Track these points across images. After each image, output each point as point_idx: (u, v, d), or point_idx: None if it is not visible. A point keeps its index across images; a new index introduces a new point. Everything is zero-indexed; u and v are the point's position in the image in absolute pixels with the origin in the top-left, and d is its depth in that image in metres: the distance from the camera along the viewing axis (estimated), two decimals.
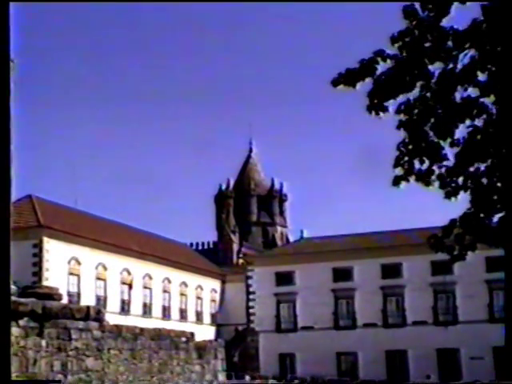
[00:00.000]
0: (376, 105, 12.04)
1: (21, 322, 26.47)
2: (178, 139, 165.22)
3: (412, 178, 12.39)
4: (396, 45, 11.87)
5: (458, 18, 11.90)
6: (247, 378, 67.18)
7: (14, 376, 25.43)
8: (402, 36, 11.82)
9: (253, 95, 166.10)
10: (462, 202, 12.62)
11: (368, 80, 12.03)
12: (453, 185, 12.33)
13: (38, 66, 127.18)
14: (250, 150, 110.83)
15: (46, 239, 61.37)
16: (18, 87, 30.07)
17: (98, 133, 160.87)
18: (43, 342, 27.24)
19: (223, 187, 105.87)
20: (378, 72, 11.99)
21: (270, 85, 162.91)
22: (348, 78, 12.01)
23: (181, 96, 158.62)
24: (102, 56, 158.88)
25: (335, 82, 12.17)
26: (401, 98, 12.09)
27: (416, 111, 12.08)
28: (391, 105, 12.11)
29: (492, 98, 12.01)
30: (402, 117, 12.16)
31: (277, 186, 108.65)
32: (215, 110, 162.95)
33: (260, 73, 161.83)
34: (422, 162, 12.29)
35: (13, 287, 28.22)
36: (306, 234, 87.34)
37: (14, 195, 31.26)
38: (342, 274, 76.27)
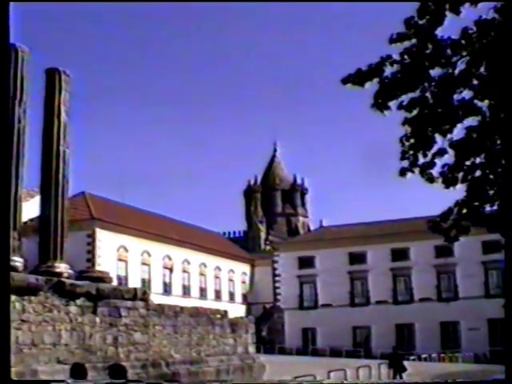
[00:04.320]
0: (380, 104, 12.10)
1: (78, 302, 26.66)
2: (211, 142, 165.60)
3: (416, 170, 12.47)
4: (395, 46, 11.90)
5: (456, 26, 11.92)
6: None
7: (73, 348, 25.72)
8: (400, 39, 11.87)
9: (276, 99, 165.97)
10: (459, 192, 12.70)
11: (375, 80, 12.09)
12: (450, 176, 12.38)
13: (88, 73, 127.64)
14: (275, 150, 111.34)
15: (97, 230, 61.87)
16: (72, 97, 30.42)
17: (142, 135, 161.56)
18: (97, 319, 27.43)
19: (251, 183, 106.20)
20: (385, 74, 12.03)
21: (291, 88, 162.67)
22: (357, 78, 12.06)
23: (214, 100, 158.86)
24: (143, 63, 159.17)
25: (345, 81, 12.23)
26: (403, 98, 12.15)
27: (417, 110, 12.13)
28: (394, 104, 12.17)
29: (486, 100, 12.06)
30: (405, 114, 12.22)
31: (299, 181, 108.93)
32: (244, 116, 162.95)
33: (281, 76, 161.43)
34: (424, 156, 12.35)
35: (70, 271, 28.46)
36: (325, 223, 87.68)
37: (70, 192, 31.55)
38: (356, 258, 76.56)
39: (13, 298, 23.68)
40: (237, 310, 66.63)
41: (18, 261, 25.73)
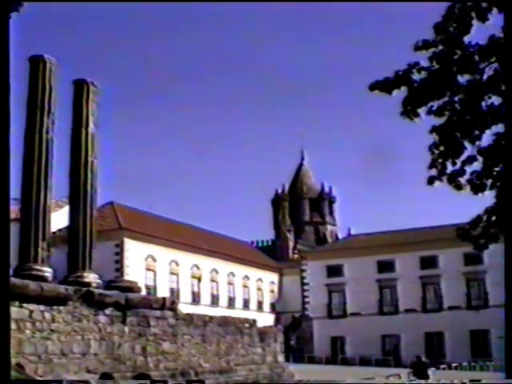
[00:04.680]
0: (409, 110, 12.00)
1: (107, 311, 26.76)
2: (239, 152, 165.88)
3: (445, 178, 12.35)
4: (420, 53, 11.82)
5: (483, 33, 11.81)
6: None
7: (102, 357, 25.78)
8: (426, 46, 11.78)
9: (303, 107, 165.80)
10: (488, 199, 12.58)
11: (402, 88, 11.99)
12: (479, 182, 12.24)
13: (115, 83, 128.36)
14: (302, 158, 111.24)
15: (126, 240, 62.03)
16: (100, 107, 30.61)
17: (169, 146, 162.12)
18: (126, 329, 27.51)
19: (279, 191, 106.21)
20: (412, 81, 11.94)
21: (318, 95, 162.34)
22: (385, 84, 11.97)
23: (240, 111, 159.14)
24: (173, 65, 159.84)
25: (372, 87, 12.14)
26: (431, 104, 12.03)
27: (446, 116, 12.01)
28: (423, 111, 12.08)
29: None
30: (433, 122, 12.12)
31: (326, 190, 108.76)
32: (271, 125, 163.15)
33: (308, 83, 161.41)
34: (453, 164, 12.23)
35: (99, 281, 28.57)
36: (352, 232, 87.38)
37: (98, 202, 31.68)
38: (385, 266, 76.17)
39: (42, 307, 23.81)
40: (265, 319, 66.46)
41: (47, 271, 25.87)
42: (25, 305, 23.15)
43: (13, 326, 22.41)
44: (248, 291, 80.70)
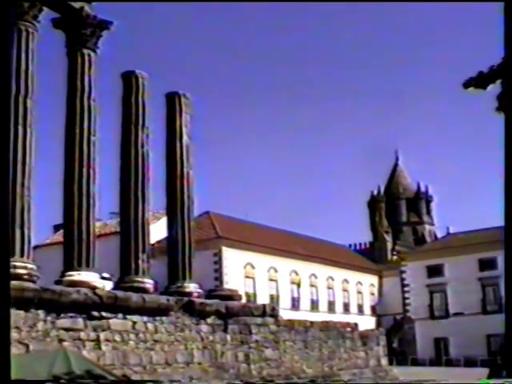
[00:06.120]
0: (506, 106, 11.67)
1: (208, 320, 27.01)
2: (332, 155, 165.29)
3: None
4: None
5: None
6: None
7: (206, 366, 26.01)
8: None
9: (396, 107, 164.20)
10: None
11: (497, 82, 11.68)
12: None
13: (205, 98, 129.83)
14: (397, 159, 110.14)
15: (224, 248, 62.57)
16: (194, 120, 31.02)
17: (261, 156, 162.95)
18: (228, 337, 27.69)
19: (375, 193, 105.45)
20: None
21: (411, 94, 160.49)
22: (479, 80, 11.69)
23: (333, 111, 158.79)
24: (264, 73, 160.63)
25: (466, 85, 11.88)
26: None
27: None
28: None
29: None
30: None
31: (422, 189, 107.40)
32: (364, 128, 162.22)
33: (401, 83, 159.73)
34: None
35: (200, 291, 28.85)
36: (451, 230, 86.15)
37: (195, 212, 32.04)
38: (487, 264, 74.65)
39: (145, 318, 24.20)
40: (366, 323, 65.98)
41: (148, 282, 26.28)
42: (128, 316, 23.56)
43: (117, 337, 22.85)
44: (348, 295, 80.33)
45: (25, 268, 21.42)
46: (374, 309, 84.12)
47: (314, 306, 73.37)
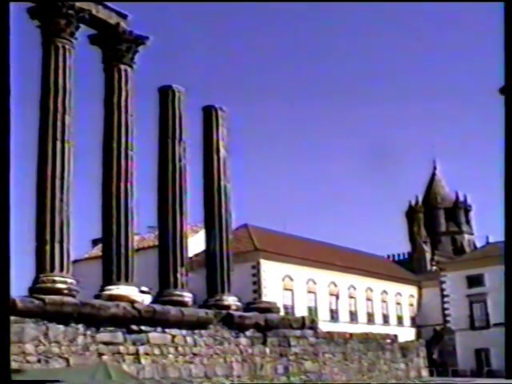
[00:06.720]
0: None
1: (247, 333, 26.97)
2: (369, 165, 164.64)
3: None
4: None
5: None
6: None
7: (245, 379, 25.95)
8: None
9: (432, 115, 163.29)
10: None
11: None
12: None
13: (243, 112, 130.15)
14: (434, 168, 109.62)
15: (262, 261, 62.44)
16: (230, 133, 31.10)
17: (295, 168, 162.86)
18: (267, 350, 27.63)
19: (413, 203, 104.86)
20: None
21: (446, 102, 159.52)
22: None
23: (370, 122, 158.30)
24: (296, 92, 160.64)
25: (503, 91, 11.72)
26: None
27: None
28: None
29: None
30: None
31: (461, 198, 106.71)
32: (401, 137, 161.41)
33: (438, 90, 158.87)
34: None
35: (238, 303, 28.83)
36: (491, 239, 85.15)
37: (233, 225, 32.06)
38: None
39: (184, 332, 24.21)
40: (406, 334, 65.46)
41: (187, 296, 26.31)
42: (167, 330, 23.60)
43: (156, 351, 22.89)
44: (387, 306, 79.76)
45: (64, 283, 21.56)
46: (413, 320, 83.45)
47: (353, 317, 72.94)
